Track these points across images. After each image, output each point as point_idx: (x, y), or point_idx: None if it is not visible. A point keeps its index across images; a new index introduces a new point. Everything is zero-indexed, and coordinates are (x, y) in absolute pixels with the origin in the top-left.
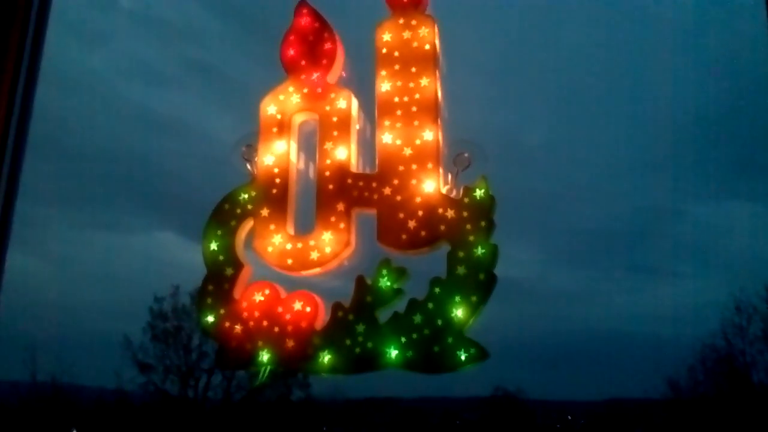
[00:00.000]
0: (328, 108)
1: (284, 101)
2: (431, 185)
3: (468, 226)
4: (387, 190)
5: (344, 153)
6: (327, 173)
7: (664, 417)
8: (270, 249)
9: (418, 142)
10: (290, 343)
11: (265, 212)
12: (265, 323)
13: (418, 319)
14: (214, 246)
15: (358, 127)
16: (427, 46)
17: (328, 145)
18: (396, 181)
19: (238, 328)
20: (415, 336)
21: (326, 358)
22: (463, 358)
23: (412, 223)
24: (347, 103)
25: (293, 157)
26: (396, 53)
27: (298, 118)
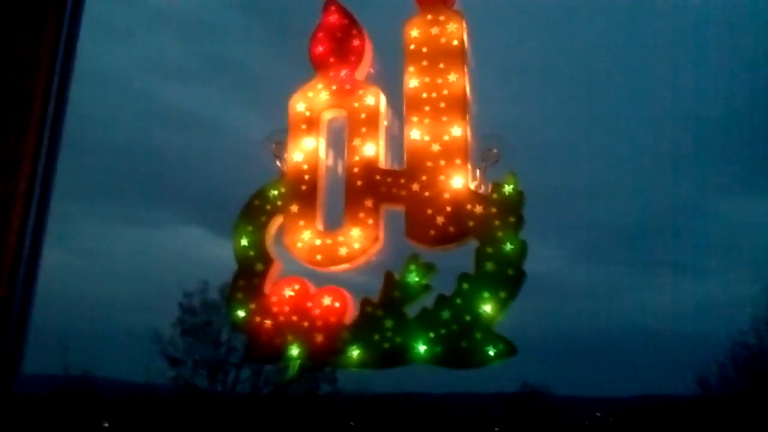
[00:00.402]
0: (356, 104)
1: (313, 98)
2: (459, 181)
3: (496, 222)
4: (415, 186)
5: (372, 149)
6: (355, 169)
7: (693, 414)
8: (299, 245)
9: (446, 137)
10: (319, 338)
11: (294, 208)
12: (294, 318)
13: (446, 314)
14: (244, 242)
15: (386, 123)
16: (455, 42)
17: (356, 142)
18: (424, 177)
19: (268, 322)
20: (443, 331)
21: (355, 352)
22: (491, 353)
23: (440, 219)
24: (375, 99)
25: (322, 153)
26: (424, 49)
27: (327, 115)
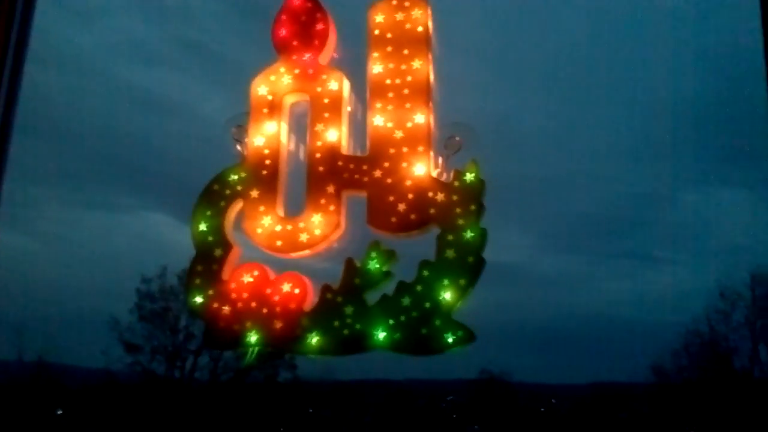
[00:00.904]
0: (319, 89)
1: (275, 82)
2: (422, 168)
3: (458, 210)
4: (377, 173)
5: (335, 135)
6: (318, 155)
7: (648, 401)
8: (259, 230)
9: (409, 125)
10: (278, 324)
11: (254, 193)
12: (253, 304)
13: (406, 301)
14: (203, 227)
15: (349, 109)
16: (420, 28)
17: (319, 127)
18: (387, 164)
19: (226, 308)
20: (403, 318)
21: (314, 339)
22: (450, 340)
23: (402, 206)
24: (339, 84)
25: (284, 138)
26: (388, 35)
27: (289, 99)
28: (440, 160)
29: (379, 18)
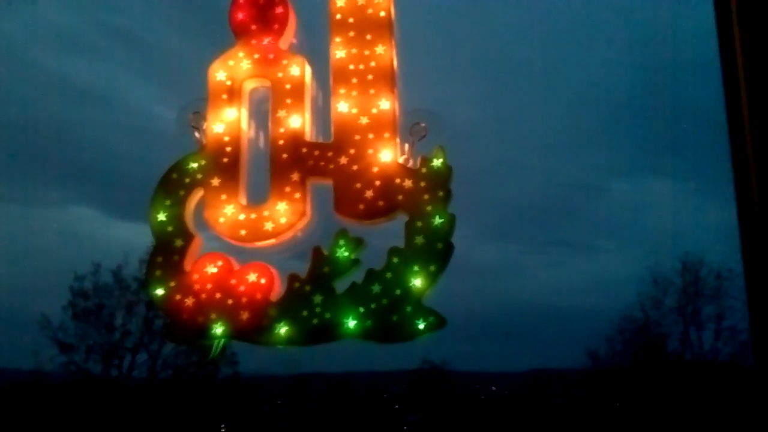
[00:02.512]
0: (280, 75)
1: (234, 67)
2: (388, 155)
3: (426, 196)
4: (343, 160)
5: (298, 121)
6: (281, 142)
7: (584, 386)
8: (222, 219)
9: (374, 111)
10: (245, 315)
11: (215, 182)
12: (218, 295)
13: (376, 288)
14: (162, 216)
15: (312, 95)
16: (383, 13)
17: (281, 113)
18: (352, 151)
19: (189, 300)
20: (373, 306)
21: (283, 329)
22: (421, 326)
23: (369, 193)
24: (301, 70)
25: (244, 125)
26: (350, 20)
27: (249, 85)
28: (406, 146)
29: (340, 2)
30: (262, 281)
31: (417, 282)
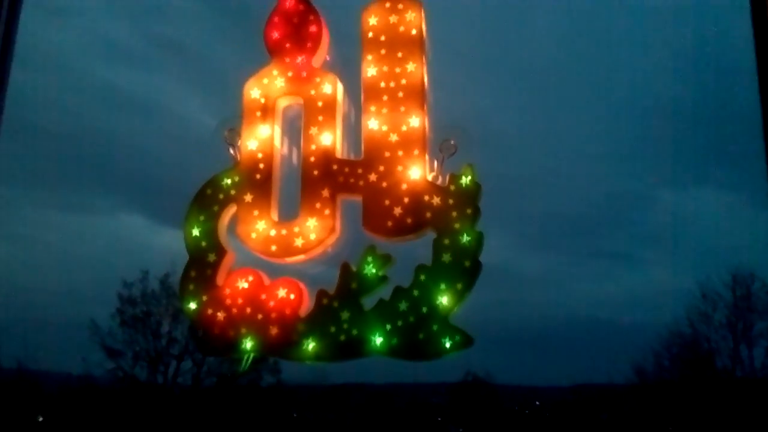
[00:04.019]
0: (313, 92)
1: (268, 85)
2: (417, 172)
3: (454, 214)
4: (373, 177)
5: (329, 138)
6: (312, 159)
7: (629, 402)
8: (254, 235)
9: (404, 128)
10: (274, 330)
11: (248, 198)
12: (248, 310)
13: (403, 306)
14: (196, 231)
15: (343, 112)
16: (414, 31)
17: (313, 130)
18: (382, 168)
19: (221, 314)
20: (400, 323)
21: (311, 345)
22: (447, 345)
23: (398, 210)
24: (333, 87)
25: (277, 141)
26: (382, 37)
27: (283, 102)
28: (435, 163)
29: (372, 20)
30: (292, 297)
31: (444, 300)
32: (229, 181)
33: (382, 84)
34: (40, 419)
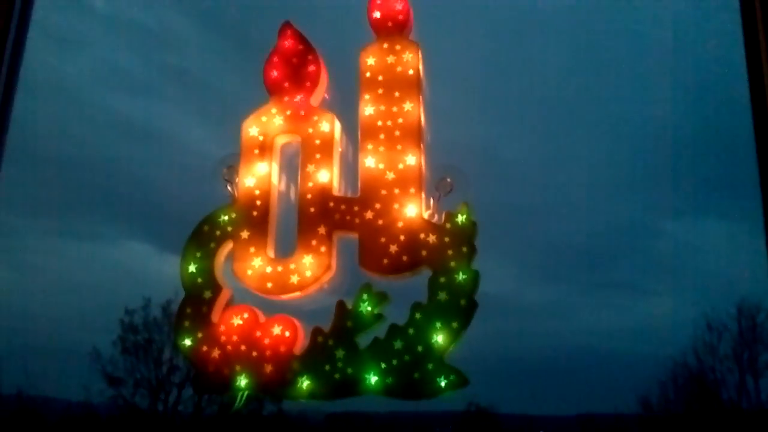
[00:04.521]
0: (311, 130)
1: (267, 123)
2: (413, 210)
3: (449, 252)
4: (369, 214)
5: (326, 176)
6: (309, 196)
7: None
8: (250, 272)
9: (401, 166)
10: (269, 368)
11: (245, 234)
12: (243, 347)
13: (398, 344)
14: (192, 268)
15: (340, 150)
16: (411, 72)
17: (310, 168)
18: (378, 205)
19: (215, 352)
20: (395, 362)
21: (305, 383)
22: (443, 384)
23: (393, 248)
24: (330, 125)
25: (275, 179)
26: (380, 77)
27: (281, 140)
28: (431, 201)
29: (370, 61)
30: (287, 334)
31: (439, 338)
32: (226, 218)
33: (379, 123)
34: None
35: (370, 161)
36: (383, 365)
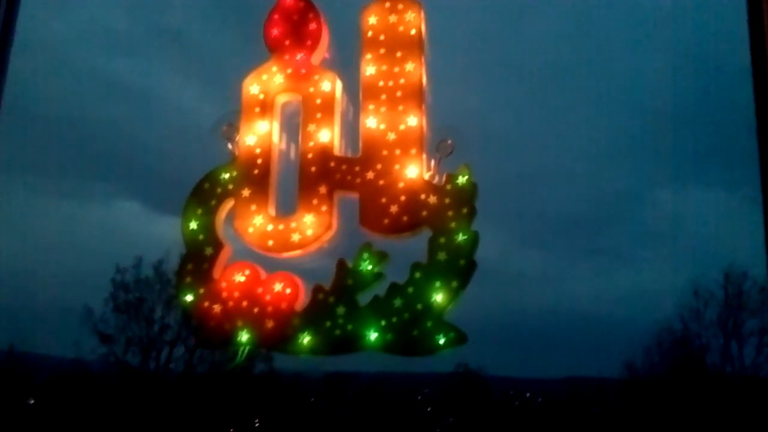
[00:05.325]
0: (312, 90)
1: (267, 81)
2: (414, 171)
3: (450, 213)
4: (370, 175)
5: (327, 136)
6: (310, 155)
7: (619, 396)
8: (251, 230)
9: (402, 127)
10: (270, 324)
11: (246, 193)
12: (244, 303)
13: (398, 302)
14: (193, 225)
15: (341, 109)
16: (413, 31)
17: (311, 127)
18: (379, 166)
19: (217, 307)
20: (394, 319)
21: (306, 339)
22: (441, 342)
23: (394, 208)
24: (332, 85)
25: (275, 137)
26: (381, 37)
27: (281, 99)
28: (432, 162)
29: (372, 20)
30: (288, 291)
31: (438, 297)
32: (227, 176)
33: (381, 83)
34: (31, 402)
35: (371, 122)
36: (383, 322)
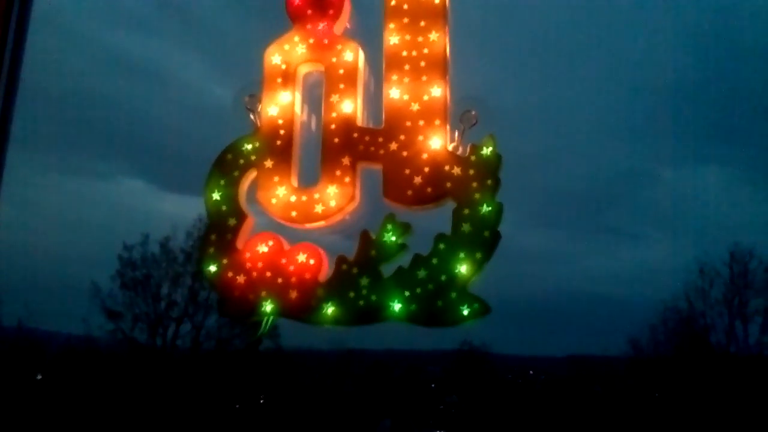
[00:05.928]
0: (334, 60)
1: (289, 51)
2: (438, 142)
3: (474, 184)
4: (393, 146)
5: (350, 106)
6: (333, 126)
7: (623, 374)
8: (274, 201)
9: (426, 97)
10: (293, 294)
11: (269, 163)
12: (268, 274)
13: (422, 273)
14: (216, 196)
15: (364, 80)
16: (437, 0)
17: (334, 98)
18: (402, 137)
19: (240, 278)
20: (418, 290)
21: (330, 309)
22: (465, 312)
23: (418, 180)
24: (354, 55)
25: (298, 108)
26: (405, 6)
27: (303, 69)
28: (456, 133)
29: None
30: (311, 262)
31: (462, 269)
32: (249, 147)
33: (404, 53)
34: (39, 377)
35: (394, 92)
36: (407, 293)
